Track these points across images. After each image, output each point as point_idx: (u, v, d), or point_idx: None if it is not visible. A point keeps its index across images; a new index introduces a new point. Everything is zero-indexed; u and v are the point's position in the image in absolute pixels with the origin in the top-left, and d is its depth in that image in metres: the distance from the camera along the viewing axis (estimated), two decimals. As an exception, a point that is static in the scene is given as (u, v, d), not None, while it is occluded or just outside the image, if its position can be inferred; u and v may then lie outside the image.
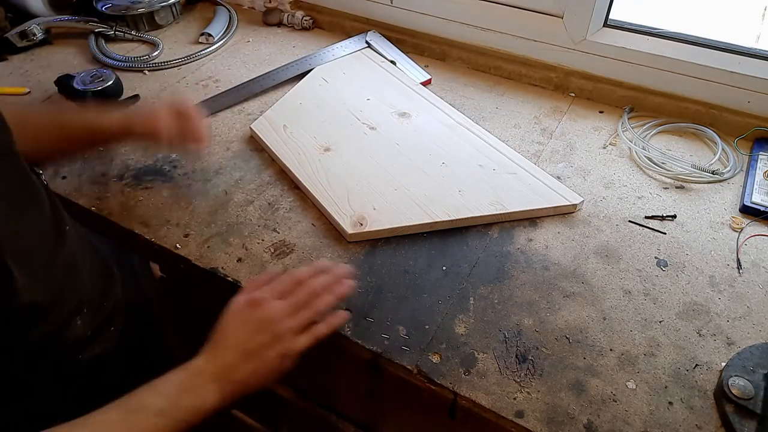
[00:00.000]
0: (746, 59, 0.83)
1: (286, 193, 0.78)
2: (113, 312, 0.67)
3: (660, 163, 0.82)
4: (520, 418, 0.54)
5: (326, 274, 0.59)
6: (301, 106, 0.92)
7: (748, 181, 0.78)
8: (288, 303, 0.55)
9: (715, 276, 0.67)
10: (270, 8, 1.14)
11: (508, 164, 0.80)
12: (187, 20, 1.18)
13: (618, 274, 0.68)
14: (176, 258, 0.70)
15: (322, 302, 0.57)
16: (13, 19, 1.07)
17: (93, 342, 0.64)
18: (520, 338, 0.61)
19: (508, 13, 0.96)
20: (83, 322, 0.61)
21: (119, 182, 0.80)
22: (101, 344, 0.65)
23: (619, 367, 0.58)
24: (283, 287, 0.57)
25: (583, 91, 0.95)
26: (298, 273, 0.58)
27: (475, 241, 0.72)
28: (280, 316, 0.54)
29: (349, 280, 0.59)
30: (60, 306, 0.58)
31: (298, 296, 0.56)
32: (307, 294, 0.56)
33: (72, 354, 0.62)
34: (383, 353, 0.60)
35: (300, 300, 0.56)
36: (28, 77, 0.99)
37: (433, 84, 0.99)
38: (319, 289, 0.57)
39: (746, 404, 0.53)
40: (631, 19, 0.91)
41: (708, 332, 0.62)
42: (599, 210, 0.76)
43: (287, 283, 0.57)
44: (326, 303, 0.57)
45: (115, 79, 0.94)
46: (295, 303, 0.56)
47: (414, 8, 1.04)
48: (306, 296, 0.56)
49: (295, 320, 0.55)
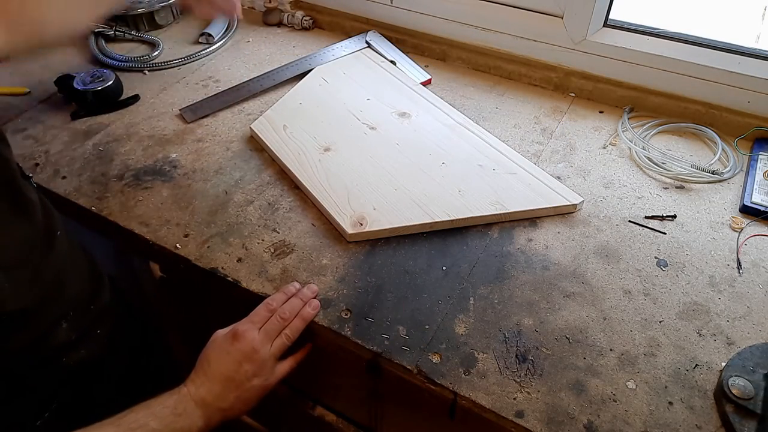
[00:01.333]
0: (746, 59, 0.83)
1: (286, 193, 0.78)
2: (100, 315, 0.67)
3: (660, 163, 0.82)
4: (520, 418, 0.54)
5: (296, 298, 0.62)
6: (301, 106, 0.92)
7: (748, 181, 0.78)
8: (264, 330, 0.59)
9: (715, 276, 0.67)
10: (270, 8, 1.14)
11: (508, 164, 0.80)
12: (187, 20, 1.18)
13: (618, 274, 0.68)
14: (176, 258, 0.70)
15: (293, 327, 0.61)
16: (13, 19, 1.07)
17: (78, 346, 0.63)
18: (520, 338, 0.61)
19: (508, 13, 0.96)
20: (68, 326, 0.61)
21: (119, 182, 0.80)
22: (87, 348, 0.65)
23: (619, 367, 0.58)
24: (259, 318, 0.60)
25: (583, 91, 0.95)
26: (272, 301, 0.62)
27: (475, 241, 0.72)
28: (259, 344, 0.58)
29: (315, 301, 0.63)
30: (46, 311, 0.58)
31: (272, 323, 0.60)
32: (279, 320, 0.60)
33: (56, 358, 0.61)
34: (383, 353, 0.60)
35: (274, 327, 0.60)
36: (28, 77, 0.99)
37: (433, 84, 0.99)
38: (288, 313, 0.61)
39: (746, 404, 0.53)
40: (631, 19, 0.91)
41: (708, 332, 0.62)
42: (599, 210, 0.76)
43: (262, 313, 0.61)
44: (296, 328, 0.61)
45: (115, 79, 0.94)
46: (271, 330, 0.60)
47: (414, 8, 1.04)
48: (279, 322, 0.60)
49: (274, 346, 0.60)
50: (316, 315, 0.63)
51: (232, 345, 0.58)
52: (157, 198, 0.77)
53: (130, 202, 0.77)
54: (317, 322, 0.63)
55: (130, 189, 0.79)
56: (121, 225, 0.74)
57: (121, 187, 0.79)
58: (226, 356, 0.57)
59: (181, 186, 0.79)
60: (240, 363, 0.57)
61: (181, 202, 0.77)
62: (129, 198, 0.77)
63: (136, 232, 0.73)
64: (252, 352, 0.58)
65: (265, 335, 0.59)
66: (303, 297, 0.63)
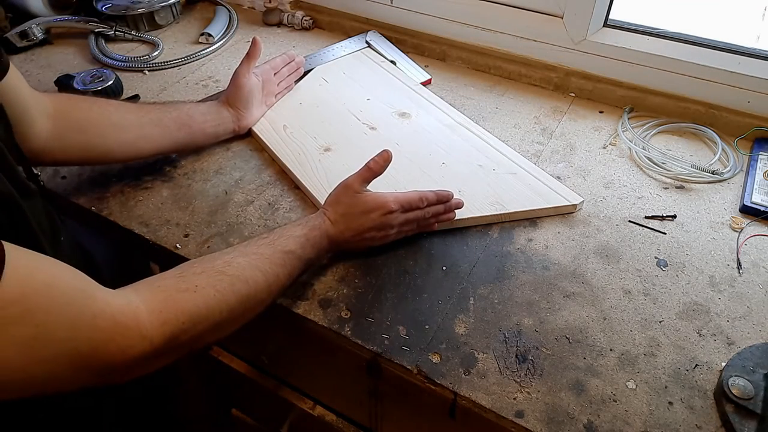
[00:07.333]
0: (746, 59, 0.83)
1: (286, 193, 0.78)
2: None
3: (660, 163, 0.82)
4: (520, 418, 0.54)
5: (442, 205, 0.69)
6: (301, 106, 0.92)
7: (748, 181, 0.78)
8: (405, 217, 0.67)
9: (715, 276, 0.67)
10: (270, 8, 1.14)
11: (508, 164, 0.80)
12: (187, 20, 1.18)
13: (618, 274, 0.68)
14: (176, 258, 0.70)
15: (426, 225, 0.70)
16: (13, 19, 1.07)
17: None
18: (520, 338, 0.61)
19: (508, 13, 0.97)
20: None
21: (119, 182, 0.80)
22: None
23: (619, 367, 0.58)
24: (409, 204, 0.67)
25: (583, 91, 0.95)
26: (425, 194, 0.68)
27: (475, 241, 0.72)
28: (396, 224, 0.67)
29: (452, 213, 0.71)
30: None
31: (416, 215, 0.68)
32: (423, 215, 0.68)
33: None
34: (383, 353, 0.60)
35: (416, 217, 0.68)
36: (28, 77, 0.99)
37: (433, 84, 0.99)
38: (431, 215, 0.69)
39: (746, 404, 0.53)
40: (631, 19, 0.91)
41: (708, 332, 0.62)
42: (599, 210, 0.76)
43: (414, 201, 0.67)
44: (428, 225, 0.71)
45: (115, 79, 0.94)
46: (412, 219, 0.68)
47: (414, 8, 1.04)
48: (422, 216, 0.68)
49: (403, 232, 0.69)
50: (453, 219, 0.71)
51: (378, 215, 0.65)
52: (157, 198, 0.77)
53: (130, 202, 0.77)
54: (317, 322, 0.63)
55: (130, 189, 0.79)
56: (121, 225, 0.74)
57: (121, 187, 0.79)
58: (370, 220, 0.65)
59: (181, 186, 0.79)
60: (375, 228, 0.66)
61: (181, 202, 0.77)
62: (129, 198, 0.77)
63: (136, 232, 0.73)
64: (388, 226, 0.66)
65: (405, 222, 0.67)
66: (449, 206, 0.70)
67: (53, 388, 0.43)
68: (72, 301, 0.42)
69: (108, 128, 0.71)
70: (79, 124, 0.69)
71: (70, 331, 0.41)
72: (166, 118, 0.75)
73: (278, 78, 0.91)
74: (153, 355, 0.47)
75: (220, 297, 0.52)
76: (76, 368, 0.42)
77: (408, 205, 0.67)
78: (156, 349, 0.47)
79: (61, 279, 0.43)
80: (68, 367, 0.42)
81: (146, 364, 0.47)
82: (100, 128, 0.70)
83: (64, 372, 0.42)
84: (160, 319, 0.47)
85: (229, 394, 0.93)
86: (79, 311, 0.42)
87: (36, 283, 0.40)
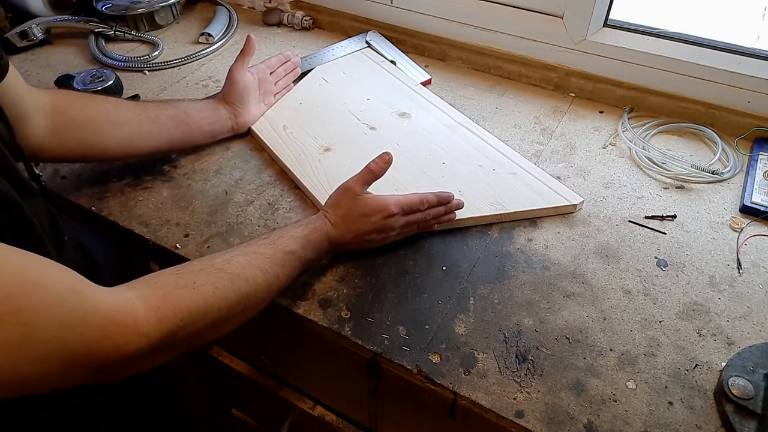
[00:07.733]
0: (746, 59, 0.83)
1: (286, 193, 0.78)
2: None
3: (660, 163, 0.82)
4: (520, 418, 0.54)
5: (442, 206, 0.70)
6: (301, 106, 0.92)
7: (748, 181, 0.78)
8: (406, 220, 0.67)
9: (715, 276, 0.67)
10: (270, 8, 1.14)
11: (508, 164, 0.80)
12: (187, 20, 1.18)
13: (618, 274, 0.68)
14: (176, 258, 0.70)
15: (426, 226, 0.71)
16: (13, 19, 1.07)
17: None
18: (520, 338, 0.61)
19: (508, 13, 0.97)
20: None
21: (119, 182, 0.80)
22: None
23: (619, 367, 0.58)
24: (409, 206, 0.67)
25: (583, 91, 0.95)
26: (426, 196, 0.68)
27: (475, 241, 0.72)
28: (397, 227, 0.67)
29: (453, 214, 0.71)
30: None
31: (417, 217, 0.68)
32: (423, 218, 0.68)
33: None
34: (383, 353, 0.60)
35: (416, 220, 0.68)
36: (28, 77, 0.99)
37: (433, 84, 0.99)
38: (431, 217, 0.69)
39: (746, 404, 0.53)
40: (631, 19, 0.91)
41: (708, 332, 0.62)
42: (599, 210, 0.76)
43: (415, 204, 0.67)
44: (429, 227, 0.71)
45: (115, 79, 0.94)
46: (413, 222, 0.68)
47: (414, 8, 1.04)
48: (422, 218, 0.68)
49: (403, 233, 0.69)
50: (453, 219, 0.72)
51: (378, 218, 0.65)
52: (157, 198, 0.77)
53: (130, 202, 0.77)
54: (317, 321, 0.63)
55: (130, 189, 0.79)
56: (121, 225, 0.74)
57: (121, 187, 0.79)
58: (370, 224, 0.65)
59: (181, 186, 0.79)
60: (375, 231, 0.66)
61: (181, 202, 0.77)
62: (129, 198, 0.77)
63: (136, 232, 0.73)
64: (389, 229, 0.66)
65: (406, 224, 0.67)
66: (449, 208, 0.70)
67: (48, 386, 0.43)
68: (63, 301, 0.42)
69: (105, 125, 0.71)
70: (76, 120, 0.69)
71: (60, 330, 0.41)
72: (164, 116, 0.75)
73: (275, 77, 0.91)
74: (150, 352, 0.46)
75: (219, 294, 0.52)
76: (69, 366, 0.42)
77: (409, 208, 0.66)
78: (153, 346, 0.46)
79: (53, 278, 0.43)
80: (61, 365, 0.42)
81: (143, 361, 0.47)
82: (97, 125, 0.70)
83: (58, 371, 0.42)
84: (158, 315, 0.47)
85: (229, 394, 0.93)
86: (70, 310, 0.42)
87: (25, 283, 0.40)
